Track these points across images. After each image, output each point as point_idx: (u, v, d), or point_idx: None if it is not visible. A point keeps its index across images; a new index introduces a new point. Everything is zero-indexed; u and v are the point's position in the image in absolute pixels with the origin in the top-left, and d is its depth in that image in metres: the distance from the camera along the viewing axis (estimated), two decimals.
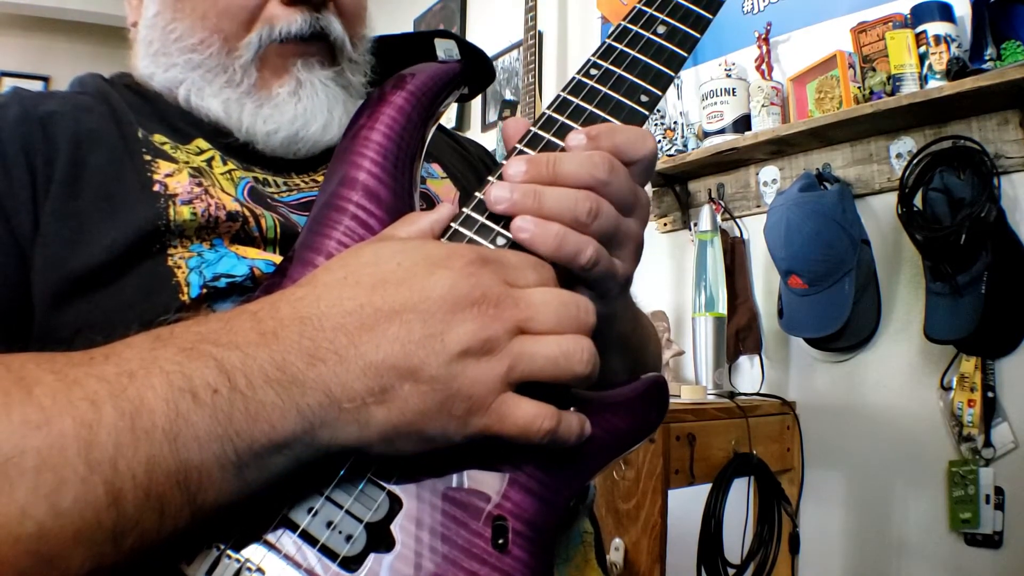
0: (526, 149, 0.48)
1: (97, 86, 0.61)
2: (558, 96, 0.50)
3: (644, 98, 0.50)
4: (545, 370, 0.39)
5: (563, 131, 0.48)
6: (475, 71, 0.59)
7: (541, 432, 0.39)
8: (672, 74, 0.51)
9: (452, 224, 0.45)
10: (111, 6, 3.84)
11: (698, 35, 0.52)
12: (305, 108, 0.58)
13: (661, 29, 0.52)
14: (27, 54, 4.22)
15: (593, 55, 0.52)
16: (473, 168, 0.73)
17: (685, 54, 0.52)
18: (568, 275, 0.44)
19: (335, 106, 0.60)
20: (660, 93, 0.50)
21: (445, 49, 0.60)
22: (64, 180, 0.51)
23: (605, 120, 0.49)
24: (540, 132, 0.48)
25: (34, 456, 0.31)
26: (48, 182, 0.51)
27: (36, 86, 4.04)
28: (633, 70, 0.51)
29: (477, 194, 0.46)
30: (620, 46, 0.52)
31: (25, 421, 0.32)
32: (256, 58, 0.58)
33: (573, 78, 0.51)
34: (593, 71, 0.51)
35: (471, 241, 0.44)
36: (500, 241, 0.44)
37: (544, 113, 0.49)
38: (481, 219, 0.45)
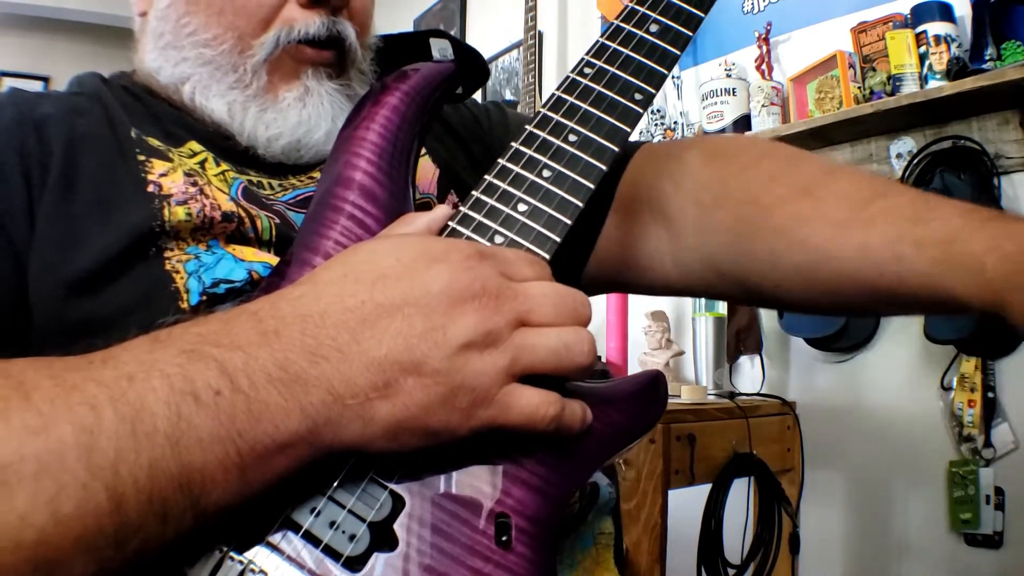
0: (523, 148, 0.48)
1: (95, 86, 0.61)
2: (553, 95, 0.51)
3: (638, 96, 0.50)
4: (547, 362, 0.39)
5: (558, 130, 0.49)
6: (469, 70, 0.60)
7: (547, 419, 0.39)
8: (665, 72, 0.52)
9: (449, 223, 0.45)
10: (111, 6, 3.83)
11: (690, 33, 0.53)
12: (310, 115, 0.58)
13: (654, 28, 0.53)
14: (27, 54, 4.21)
15: (587, 54, 0.53)
16: (458, 139, 0.71)
17: (677, 52, 0.52)
18: (562, 272, 0.44)
19: (339, 116, 0.59)
20: (654, 91, 0.51)
21: (440, 48, 0.60)
22: (58, 184, 0.51)
23: (600, 119, 0.49)
24: (535, 131, 0.49)
25: (33, 462, 0.31)
26: (43, 187, 0.50)
27: (36, 86, 4.04)
28: (627, 68, 0.51)
29: (474, 192, 0.46)
30: (613, 45, 0.53)
31: (24, 427, 0.31)
32: (268, 59, 0.57)
33: (568, 76, 0.51)
34: (587, 70, 0.52)
35: (468, 239, 0.44)
36: (498, 239, 0.44)
37: (540, 112, 0.50)
38: (478, 217, 0.45)
